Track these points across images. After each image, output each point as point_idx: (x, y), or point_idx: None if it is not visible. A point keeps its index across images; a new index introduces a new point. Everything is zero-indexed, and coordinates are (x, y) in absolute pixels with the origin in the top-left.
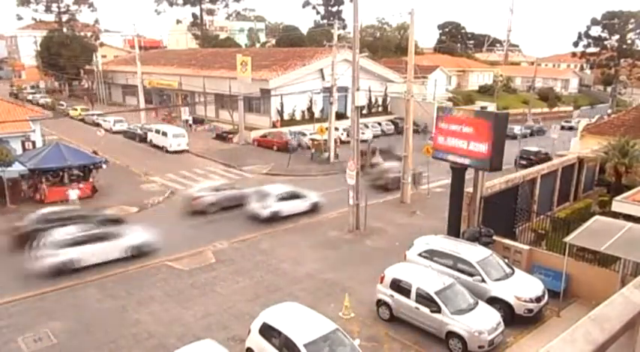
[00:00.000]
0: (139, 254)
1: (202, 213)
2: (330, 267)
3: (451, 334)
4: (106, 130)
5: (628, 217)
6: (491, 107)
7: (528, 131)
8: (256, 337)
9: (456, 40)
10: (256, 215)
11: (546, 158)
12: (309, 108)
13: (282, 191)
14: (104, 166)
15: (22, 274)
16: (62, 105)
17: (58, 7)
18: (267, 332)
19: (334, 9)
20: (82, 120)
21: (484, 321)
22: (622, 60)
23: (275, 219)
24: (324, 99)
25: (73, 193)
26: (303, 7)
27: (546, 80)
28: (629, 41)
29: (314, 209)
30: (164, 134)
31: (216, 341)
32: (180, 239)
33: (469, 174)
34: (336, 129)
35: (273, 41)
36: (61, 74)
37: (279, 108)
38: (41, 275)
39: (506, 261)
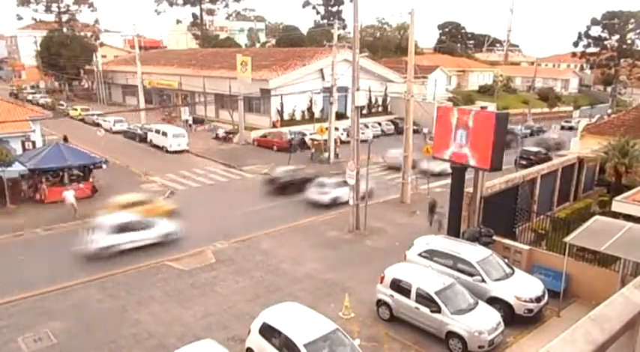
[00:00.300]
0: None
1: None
2: (330, 267)
3: (451, 334)
4: (106, 130)
5: (628, 217)
6: (492, 107)
7: (528, 131)
8: (256, 337)
9: (456, 40)
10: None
11: (546, 158)
12: (309, 108)
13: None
14: (104, 166)
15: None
16: (62, 105)
17: (58, 7)
18: (267, 332)
19: (334, 9)
20: (82, 120)
21: (484, 321)
22: (622, 60)
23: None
24: (324, 99)
25: (70, 195)
26: (303, 7)
27: (546, 80)
28: (629, 41)
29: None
30: (164, 134)
31: (216, 341)
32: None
33: (469, 174)
34: (336, 129)
35: (273, 41)
36: (61, 74)
37: (279, 108)
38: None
39: (506, 261)
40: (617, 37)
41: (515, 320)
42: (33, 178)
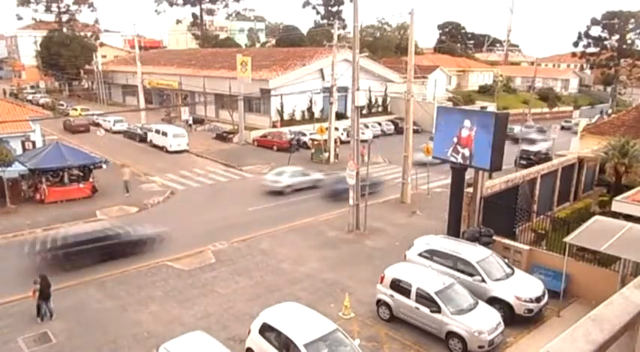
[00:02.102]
0: None
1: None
2: (330, 267)
3: (451, 334)
4: (106, 130)
5: (628, 217)
6: (491, 107)
7: (531, 129)
8: (256, 337)
9: (456, 40)
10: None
11: (546, 158)
12: (309, 108)
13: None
14: (104, 166)
15: None
16: (62, 105)
17: (58, 7)
18: (267, 332)
19: (334, 9)
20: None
21: (484, 321)
22: (622, 60)
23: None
24: (324, 99)
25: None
26: (303, 7)
27: (546, 80)
28: (629, 41)
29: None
30: (164, 134)
31: (206, 332)
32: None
33: (469, 174)
34: (336, 129)
35: (273, 41)
36: (61, 74)
37: (279, 108)
38: None
39: (506, 261)
40: (617, 37)
41: (515, 320)
42: (33, 178)
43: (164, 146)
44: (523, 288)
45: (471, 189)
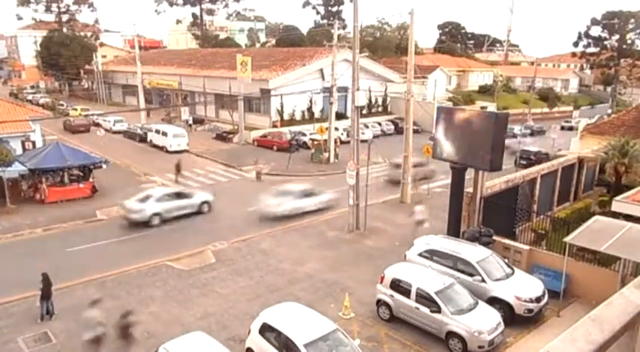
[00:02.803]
0: None
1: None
2: (330, 267)
3: (451, 334)
4: (106, 130)
5: (628, 217)
6: (491, 107)
7: (528, 131)
8: (256, 337)
9: (456, 40)
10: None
11: (546, 158)
12: (309, 108)
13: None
14: (104, 166)
15: None
16: (62, 105)
17: (58, 7)
18: (267, 332)
19: (334, 9)
20: None
21: (484, 321)
22: (622, 60)
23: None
24: (324, 99)
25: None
26: (303, 7)
27: (546, 80)
28: (629, 41)
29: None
30: (164, 134)
31: (206, 333)
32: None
33: (469, 175)
34: (336, 129)
35: (273, 41)
36: (61, 74)
37: (279, 109)
38: None
39: (506, 261)
40: (617, 37)
41: (515, 320)
42: (33, 178)
43: (164, 146)
44: (523, 288)
45: (470, 189)
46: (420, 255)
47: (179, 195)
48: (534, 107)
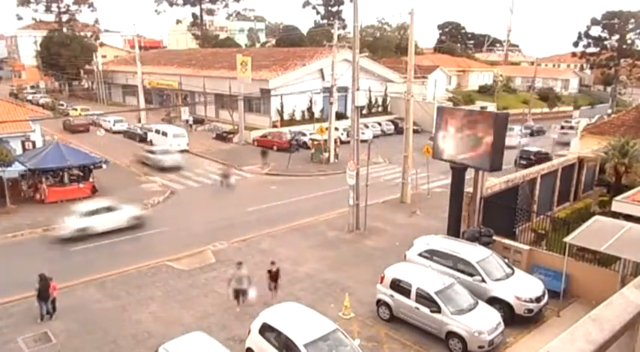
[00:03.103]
0: None
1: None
2: (330, 267)
3: (451, 334)
4: (106, 130)
5: (628, 217)
6: (491, 107)
7: (528, 131)
8: (256, 337)
9: (456, 40)
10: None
11: (546, 158)
12: (309, 108)
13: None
14: (104, 166)
15: None
16: (62, 105)
17: (58, 7)
18: (267, 332)
19: (334, 9)
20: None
21: (484, 321)
22: (622, 60)
23: None
24: (324, 99)
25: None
26: (303, 7)
27: (546, 80)
28: (629, 41)
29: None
30: (164, 134)
31: (205, 333)
32: None
33: (469, 175)
34: (336, 129)
35: (273, 41)
36: (61, 74)
37: (279, 109)
38: None
39: (506, 261)
40: (617, 37)
41: (515, 320)
42: (33, 178)
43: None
44: (523, 288)
45: (470, 189)
46: (420, 255)
47: (108, 209)
48: (534, 107)
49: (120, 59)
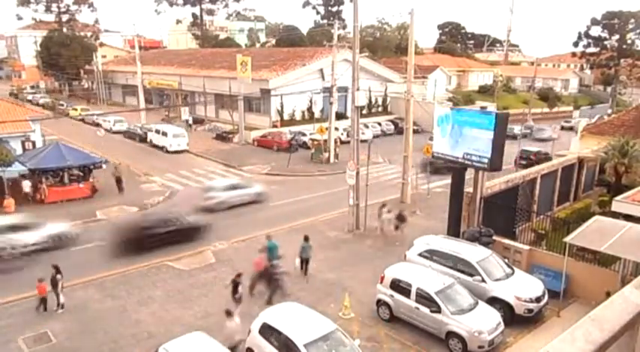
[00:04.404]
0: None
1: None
2: (330, 267)
3: (451, 334)
4: (106, 130)
5: (628, 217)
6: (492, 107)
7: (528, 131)
8: (256, 337)
9: (456, 40)
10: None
11: (546, 158)
12: (309, 109)
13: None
14: (104, 166)
15: None
16: (62, 105)
17: (58, 7)
18: (267, 332)
19: (334, 9)
20: (82, 120)
21: (484, 321)
22: (622, 60)
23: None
24: (324, 99)
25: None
26: (303, 7)
27: (546, 80)
28: (629, 41)
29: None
30: (164, 134)
31: (205, 333)
32: None
33: (469, 175)
34: (336, 129)
35: (273, 41)
36: (61, 74)
37: (279, 109)
38: None
39: (506, 261)
40: (617, 37)
41: (515, 320)
42: (33, 178)
43: (164, 146)
44: (523, 288)
45: (470, 189)
46: (420, 255)
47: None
48: (534, 107)
49: (120, 59)
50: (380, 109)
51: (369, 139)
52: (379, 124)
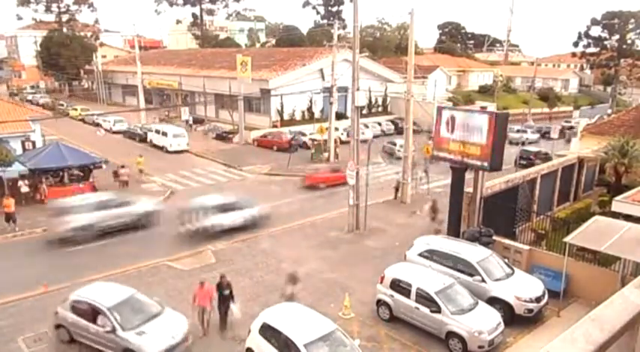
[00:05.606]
0: None
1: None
2: (330, 267)
3: (451, 334)
4: (106, 130)
5: (628, 217)
6: (492, 107)
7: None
8: (256, 337)
9: (455, 40)
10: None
11: (546, 158)
12: (309, 108)
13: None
14: (104, 166)
15: None
16: (62, 105)
17: (58, 7)
18: (267, 332)
19: (334, 9)
20: (82, 120)
21: (484, 321)
22: (622, 60)
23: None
24: (324, 99)
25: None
26: (303, 7)
27: (546, 80)
28: (629, 41)
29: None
30: (164, 134)
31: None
32: None
33: (469, 175)
34: (336, 129)
35: (273, 41)
36: (61, 74)
37: (279, 109)
38: None
39: (506, 261)
40: (617, 37)
41: (515, 320)
42: (33, 178)
43: (164, 146)
44: (523, 288)
45: (470, 189)
46: (420, 255)
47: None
48: (534, 107)
49: (120, 59)
50: (380, 109)
51: (369, 139)
52: (379, 124)
